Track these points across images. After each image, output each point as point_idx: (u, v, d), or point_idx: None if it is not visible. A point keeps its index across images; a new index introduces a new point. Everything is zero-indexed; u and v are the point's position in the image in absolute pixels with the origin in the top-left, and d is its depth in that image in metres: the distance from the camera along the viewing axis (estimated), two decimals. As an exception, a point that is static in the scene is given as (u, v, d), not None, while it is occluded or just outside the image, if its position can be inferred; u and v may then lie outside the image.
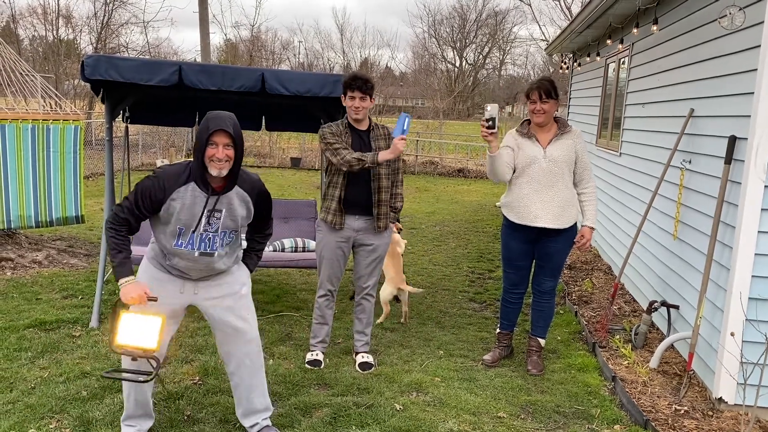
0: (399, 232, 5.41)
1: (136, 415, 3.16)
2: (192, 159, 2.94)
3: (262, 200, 3.11)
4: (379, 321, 5.09)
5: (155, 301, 2.88)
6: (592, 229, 4.21)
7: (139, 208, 2.87)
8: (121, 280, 2.85)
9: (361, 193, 4.08)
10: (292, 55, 41.75)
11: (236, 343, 3.16)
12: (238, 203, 3.00)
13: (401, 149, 3.93)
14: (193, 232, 2.92)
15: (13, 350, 4.21)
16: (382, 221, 4.15)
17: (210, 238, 2.96)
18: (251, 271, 3.30)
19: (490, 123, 3.82)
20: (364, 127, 4.11)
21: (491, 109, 3.83)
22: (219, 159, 2.82)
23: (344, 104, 4.06)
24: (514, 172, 4.17)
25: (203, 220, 2.91)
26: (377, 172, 4.07)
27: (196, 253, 2.96)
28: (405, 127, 3.94)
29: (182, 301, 3.10)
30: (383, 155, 3.91)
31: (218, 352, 3.24)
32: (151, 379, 2.89)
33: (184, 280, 3.07)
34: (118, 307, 2.85)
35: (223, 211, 2.95)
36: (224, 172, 2.86)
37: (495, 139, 3.91)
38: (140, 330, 2.82)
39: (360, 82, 3.95)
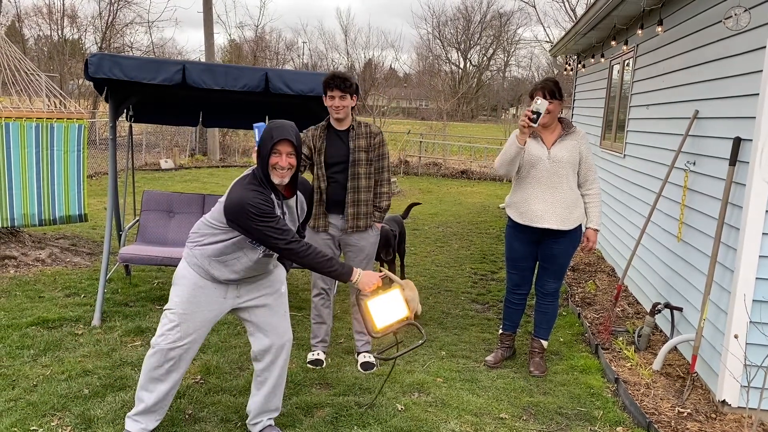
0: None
1: (151, 411, 3.12)
2: (247, 172, 2.99)
3: (310, 199, 3.25)
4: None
5: (385, 275, 3.12)
6: (596, 231, 4.20)
7: (282, 219, 2.91)
8: (354, 277, 3.01)
9: (342, 192, 4.08)
10: (296, 55, 41.77)
11: (274, 341, 3.19)
12: (298, 206, 3.12)
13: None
14: None
15: (15, 348, 4.22)
16: (362, 221, 4.13)
17: None
18: (287, 271, 3.36)
19: (535, 117, 3.81)
20: (344, 126, 4.09)
21: (541, 104, 3.83)
22: (282, 167, 2.90)
23: (325, 104, 4.04)
24: (518, 171, 4.16)
25: None
26: (355, 171, 4.05)
27: (261, 255, 3.02)
28: (257, 138, 3.54)
29: (225, 306, 3.14)
30: None
31: (252, 350, 3.24)
32: (424, 341, 3.35)
33: (227, 285, 3.10)
34: (361, 300, 3.10)
35: (287, 214, 3.05)
36: (285, 180, 2.94)
37: (529, 132, 3.91)
38: (388, 307, 3.10)
39: (338, 81, 3.92)
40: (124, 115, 5.72)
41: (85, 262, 6.56)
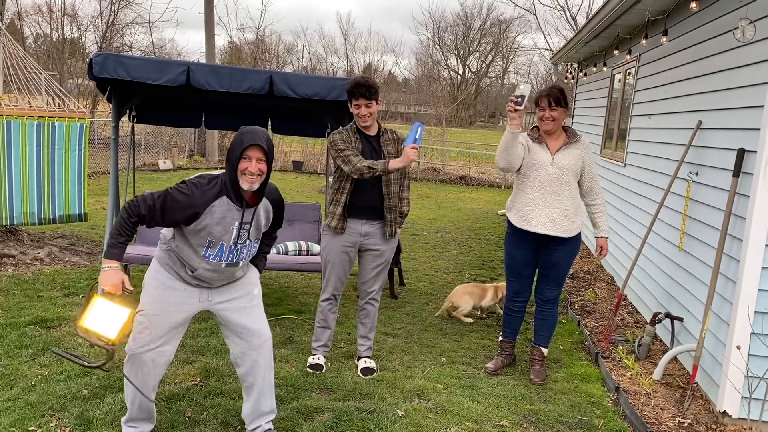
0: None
1: (140, 418, 3.13)
2: (218, 172, 2.95)
3: (279, 209, 3.17)
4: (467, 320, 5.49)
5: (130, 293, 2.86)
6: (606, 238, 4.23)
7: (163, 217, 2.85)
8: (107, 263, 2.83)
9: (369, 197, 4.05)
10: (296, 58, 41.77)
11: (251, 344, 3.15)
12: (263, 213, 3.04)
13: (412, 158, 3.87)
14: (223, 244, 2.93)
15: (13, 347, 4.19)
16: (392, 227, 4.14)
17: (238, 249, 2.99)
18: (260, 272, 3.32)
19: (519, 100, 3.81)
20: (373, 132, 4.09)
21: (523, 89, 3.83)
22: (252, 173, 2.84)
23: (351, 111, 4.04)
24: (519, 172, 4.16)
25: (234, 233, 2.93)
26: (387, 177, 4.05)
27: (224, 264, 2.98)
28: (417, 136, 3.89)
29: (196, 308, 3.10)
30: (394, 164, 3.86)
31: (231, 355, 3.21)
32: (95, 368, 2.86)
33: (200, 288, 3.06)
34: (94, 290, 2.82)
35: (252, 222, 2.98)
36: (255, 186, 2.87)
37: (518, 117, 3.89)
38: (107, 318, 2.77)
39: (363, 89, 3.91)
40: (127, 115, 5.71)
41: (84, 262, 6.54)
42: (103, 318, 2.78)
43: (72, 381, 3.75)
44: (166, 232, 3.04)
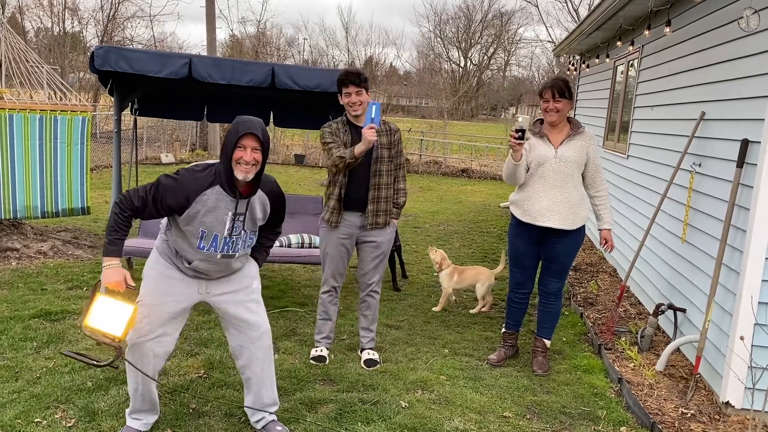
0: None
1: (143, 410, 3.14)
2: (214, 161, 2.94)
3: (278, 203, 3.14)
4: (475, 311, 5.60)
5: (133, 289, 2.86)
6: (610, 231, 4.22)
7: (156, 206, 2.85)
8: (107, 261, 2.83)
9: (363, 189, 4.05)
10: (297, 52, 41.66)
11: (249, 336, 3.15)
12: (258, 206, 3.02)
13: (370, 139, 3.74)
14: (217, 235, 2.92)
15: (18, 340, 4.21)
16: (381, 217, 4.11)
17: (233, 241, 2.97)
18: (259, 266, 3.31)
19: (520, 134, 3.85)
20: (363, 123, 4.07)
21: (522, 121, 3.85)
22: (246, 162, 2.82)
23: (341, 102, 4.02)
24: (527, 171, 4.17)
25: (228, 224, 2.91)
26: (378, 168, 4.03)
27: (218, 256, 2.98)
28: (374, 116, 3.76)
29: (194, 299, 3.10)
30: (358, 148, 3.80)
31: (229, 347, 3.23)
32: (105, 366, 2.85)
33: (198, 280, 3.06)
34: (97, 289, 2.83)
35: (246, 214, 2.97)
36: (250, 177, 2.86)
37: (521, 148, 3.94)
38: (111, 315, 2.78)
39: (353, 76, 3.90)
40: (129, 108, 5.71)
41: (87, 255, 6.55)
42: (108, 316, 2.79)
43: (77, 373, 3.76)
44: (166, 222, 3.04)
